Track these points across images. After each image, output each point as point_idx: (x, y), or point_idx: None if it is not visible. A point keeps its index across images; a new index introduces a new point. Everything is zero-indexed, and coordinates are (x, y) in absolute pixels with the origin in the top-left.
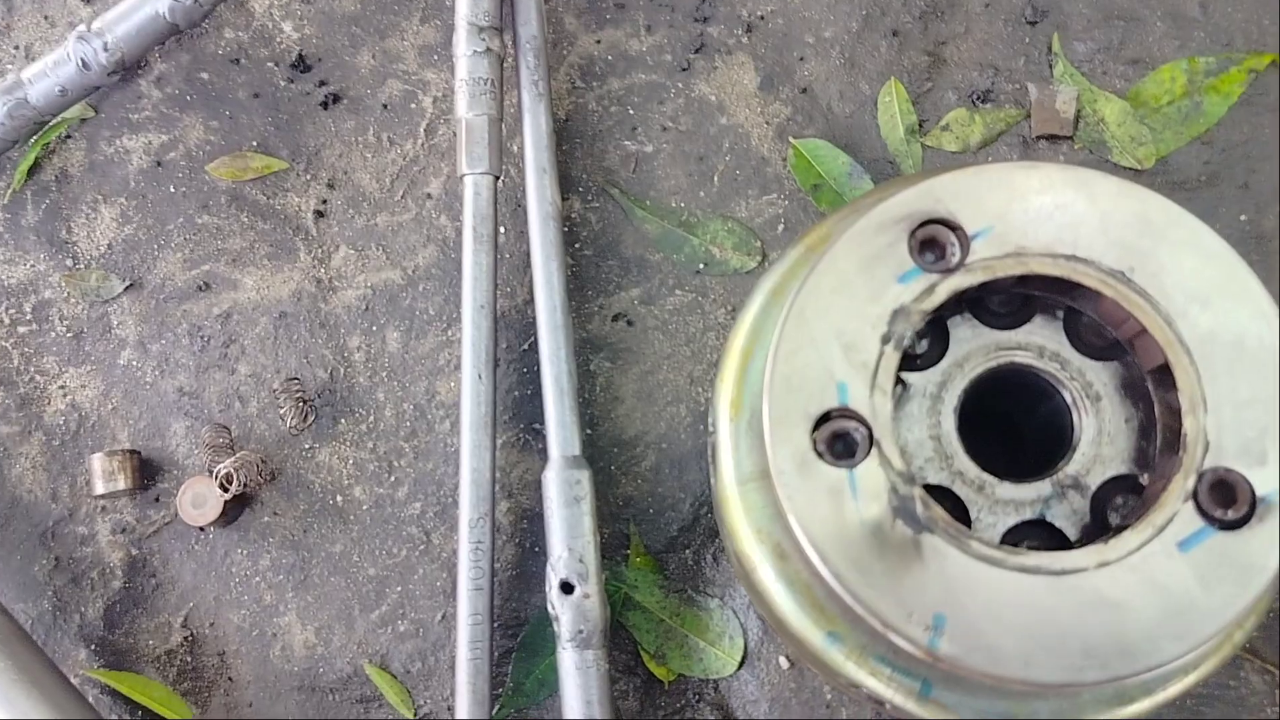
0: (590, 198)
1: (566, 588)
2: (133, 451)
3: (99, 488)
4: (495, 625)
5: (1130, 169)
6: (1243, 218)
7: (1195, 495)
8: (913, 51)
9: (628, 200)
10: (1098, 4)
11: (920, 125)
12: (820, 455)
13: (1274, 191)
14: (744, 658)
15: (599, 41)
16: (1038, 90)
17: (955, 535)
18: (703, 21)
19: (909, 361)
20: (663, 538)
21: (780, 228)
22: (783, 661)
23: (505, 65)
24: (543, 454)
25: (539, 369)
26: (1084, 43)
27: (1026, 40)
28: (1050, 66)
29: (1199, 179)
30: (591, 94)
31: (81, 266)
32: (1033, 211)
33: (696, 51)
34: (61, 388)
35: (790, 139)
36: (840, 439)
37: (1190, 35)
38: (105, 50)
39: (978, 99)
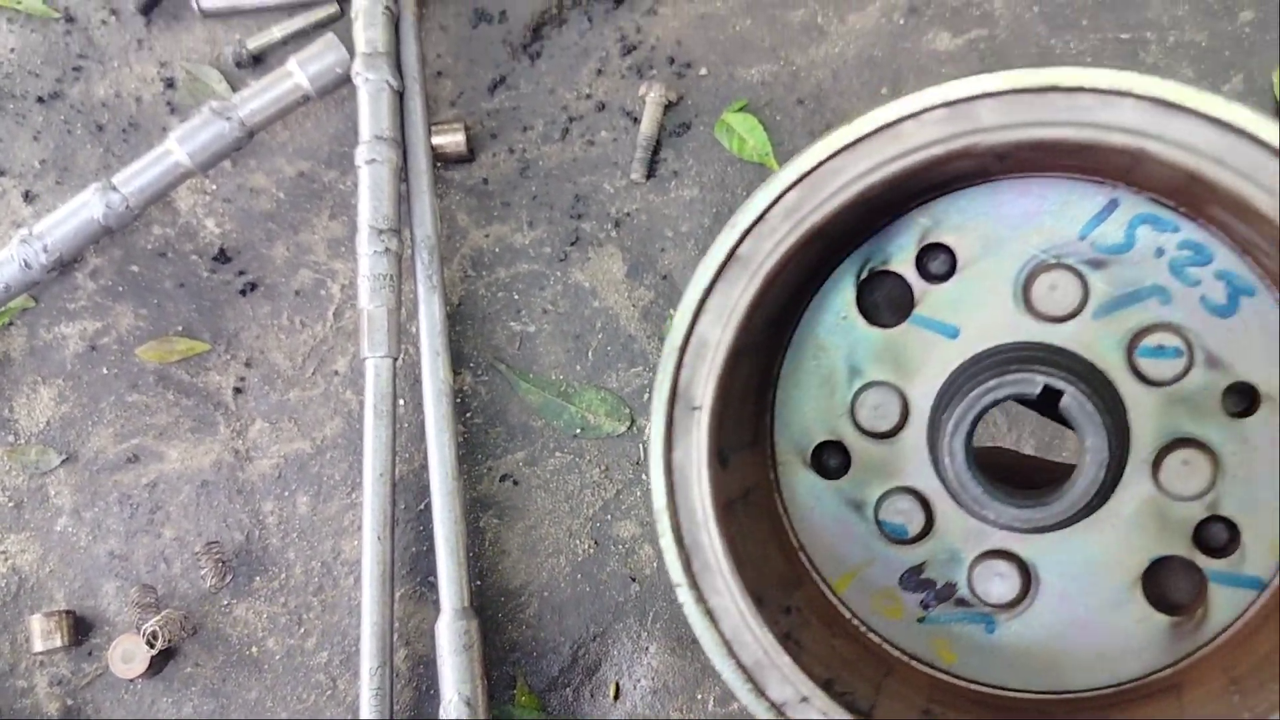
0: (480, 372)
1: None
2: (68, 612)
3: (38, 645)
4: None
5: None
6: None
7: None
8: None
9: (513, 374)
10: None
11: None
12: None
13: None
14: None
15: (488, 236)
16: None
17: None
18: (577, 218)
19: None
20: (545, 678)
21: (646, 396)
22: None
23: (404, 258)
24: (437, 605)
25: (433, 528)
26: None
27: None
28: None
29: None
30: (481, 281)
31: (22, 441)
32: None
33: (572, 244)
34: (3, 552)
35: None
36: None
37: None
38: (45, 251)
39: None
